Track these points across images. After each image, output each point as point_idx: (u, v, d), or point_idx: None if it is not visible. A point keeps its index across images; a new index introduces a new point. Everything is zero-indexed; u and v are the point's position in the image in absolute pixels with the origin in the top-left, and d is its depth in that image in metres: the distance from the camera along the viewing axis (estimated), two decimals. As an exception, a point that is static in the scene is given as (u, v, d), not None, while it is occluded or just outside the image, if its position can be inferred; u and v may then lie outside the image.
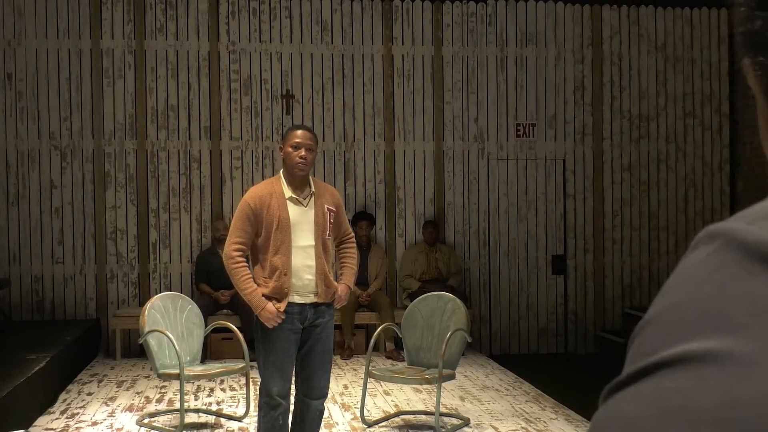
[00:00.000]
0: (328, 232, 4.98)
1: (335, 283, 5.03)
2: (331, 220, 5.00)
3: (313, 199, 4.94)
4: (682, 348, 0.42)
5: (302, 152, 4.86)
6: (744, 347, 0.41)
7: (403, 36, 10.29)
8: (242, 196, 9.53)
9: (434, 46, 10.32)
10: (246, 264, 4.90)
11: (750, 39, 0.58)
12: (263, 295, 4.83)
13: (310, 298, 4.92)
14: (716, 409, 0.40)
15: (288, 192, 4.90)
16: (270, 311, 4.78)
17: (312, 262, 4.90)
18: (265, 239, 4.86)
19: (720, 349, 0.41)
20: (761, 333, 0.41)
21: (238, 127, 10.04)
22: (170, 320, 6.49)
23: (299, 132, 4.92)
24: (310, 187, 4.97)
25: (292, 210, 4.88)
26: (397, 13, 10.28)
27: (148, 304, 6.39)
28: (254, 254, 4.96)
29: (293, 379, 5.04)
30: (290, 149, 4.88)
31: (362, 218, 9.70)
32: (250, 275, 4.89)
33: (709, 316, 0.42)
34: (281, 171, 5.01)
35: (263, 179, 9.28)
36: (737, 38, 0.59)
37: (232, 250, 4.86)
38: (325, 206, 4.97)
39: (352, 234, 5.35)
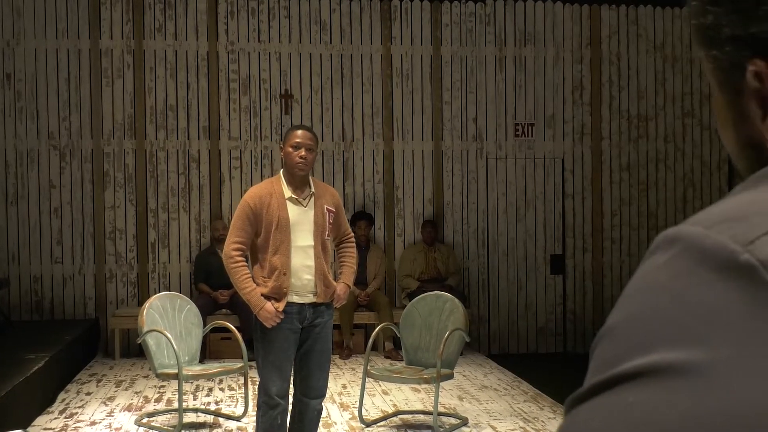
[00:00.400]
0: (327, 232, 4.99)
1: (334, 283, 5.04)
2: (331, 221, 5.01)
3: (312, 199, 4.95)
4: (643, 360, 0.42)
5: (302, 152, 4.86)
6: (704, 359, 0.41)
7: (402, 36, 10.30)
8: (241, 195, 9.56)
9: (433, 45, 10.33)
10: (245, 264, 4.91)
11: (703, 33, 0.59)
12: (262, 295, 4.84)
13: (309, 298, 4.93)
14: (679, 423, 0.40)
15: (288, 192, 4.91)
16: (269, 311, 4.79)
17: (311, 262, 4.91)
18: (264, 239, 4.87)
19: (680, 362, 0.41)
20: (720, 344, 0.41)
21: (237, 127, 10.04)
22: (169, 320, 6.49)
23: (299, 132, 4.93)
24: (309, 187, 4.98)
25: (292, 210, 4.89)
26: (395, 13, 10.29)
27: (147, 304, 6.40)
28: (254, 254, 4.97)
29: (292, 378, 5.05)
30: (290, 149, 4.88)
31: (361, 218, 9.71)
32: (250, 275, 4.90)
33: (668, 326, 0.42)
34: (281, 171, 5.02)
35: (262, 179, 9.29)
36: (692, 32, 0.60)
37: (231, 249, 4.87)
38: (325, 206, 4.98)
39: (352, 234, 5.36)
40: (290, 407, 5.11)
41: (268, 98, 10.09)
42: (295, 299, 4.90)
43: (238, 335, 6.76)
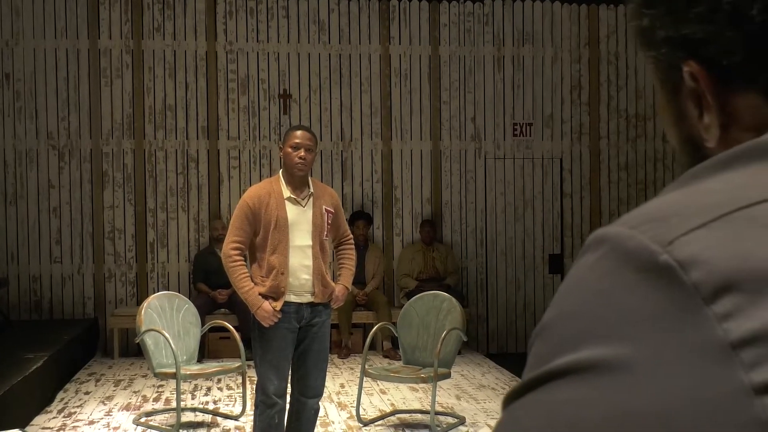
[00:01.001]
0: (325, 232, 5.01)
1: (332, 284, 5.06)
2: (329, 221, 5.03)
3: (311, 199, 4.98)
4: (572, 357, 0.44)
5: (301, 152, 4.89)
6: (626, 357, 0.42)
7: (400, 36, 10.31)
8: (240, 195, 9.57)
9: (431, 45, 10.34)
10: (244, 263, 4.94)
11: (640, 35, 0.61)
12: (260, 294, 4.86)
13: (307, 298, 4.95)
14: (605, 421, 0.42)
15: (286, 192, 4.93)
16: (266, 310, 4.82)
17: (309, 262, 4.94)
18: (263, 238, 4.89)
19: (605, 359, 0.43)
20: (641, 343, 0.42)
21: (235, 126, 10.06)
22: (167, 319, 6.51)
23: (299, 132, 4.96)
24: (308, 187, 5.00)
25: (290, 210, 4.92)
26: (394, 13, 10.30)
27: (145, 304, 6.42)
28: (252, 253, 5.00)
29: (289, 377, 5.07)
30: (290, 149, 4.90)
31: (359, 217, 9.72)
32: (248, 274, 4.93)
33: (595, 325, 0.44)
34: (280, 171, 5.04)
35: (261, 179, 9.31)
36: (633, 33, 0.62)
37: (230, 249, 4.89)
38: (323, 207, 5.00)
39: (351, 236, 5.38)
40: (288, 406, 5.12)
41: (267, 98, 10.11)
42: (293, 299, 4.92)
43: (237, 335, 6.77)
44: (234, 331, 6.87)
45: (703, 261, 0.43)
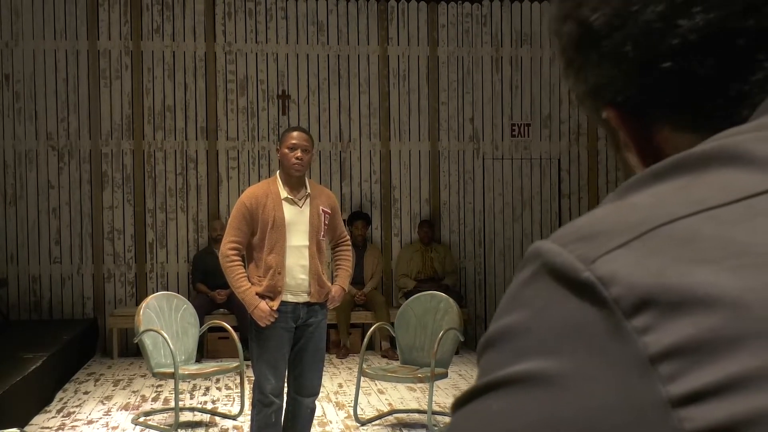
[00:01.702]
0: (322, 233, 5.05)
1: (329, 284, 5.10)
2: (326, 222, 5.07)
3: (308, 200, 5.02)
4: (509, 370, 0.46)
5: (298, 153, 4.93)
6: (555, 370, 0.44)
7: (399, 37, 10.34)
8: (238, 196, 9.60)
9: (429, 46, 10.37)
10: (241, 263, 4.98)
11: (575, 97, 0.67)
12: (257, 294, 4.90)
13: (303, 297, 4.99)
14: (531, 430, 0.45)
15: (284, 192, 4.97)
16: (263, 310, 4.85)
17: (306, 262, 4.98)
18: (260, 238, 4.93)
19: (538, 372, 0.45)
20: (568, 357, 0.45)
21: (234, 127, 10.09)
22: (165, 320, 6.54)
23: (295, 134, 5.00)
24: (306, 188, 5.04)
25: (288, 210, 4.95)
26: (392, 14, 10.33)
27: (143, 304, 6.45)
28: (249, 253, 5.03)
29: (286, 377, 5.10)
30: (287, 150, 4.95)
31: (358, 218, 9.75)
32: (245, 274, 4.96)
33: (531, 339, 0.46)
34: (278, 172, 5.08)
35: (260, 179, 9.35)
36: None
37: (228, 249, 4.93)
38: (320, 207, 5.04)
39: (348, 237, 5.41)
40: (284, 406, 5.16)
41: (266, 99, 10.14)
42: (290, 298, 4.96)
43: (235, 335, 6.80)
44: (232, 331, 6.90)
45: (621, 278, 0.45)
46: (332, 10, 10.24)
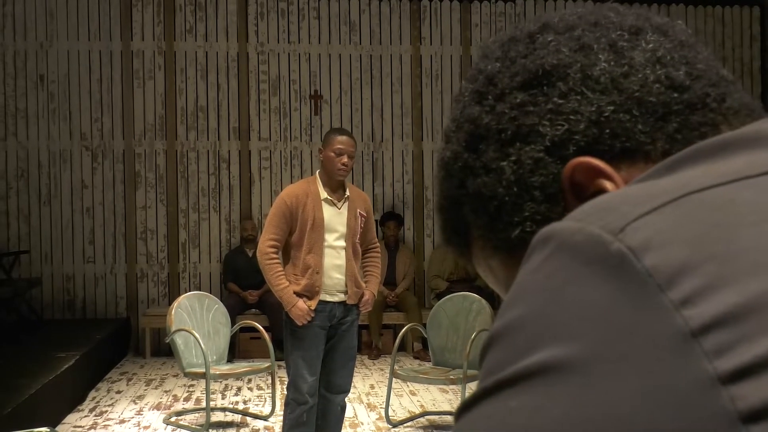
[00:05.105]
0: (358, 236, 5.05)
1: (363, 286, 5.09)
2: (362, 225, 5.06)
3: (347, 202, 5.01)
4: (522, 364, 0.41)
5: (344, 159, 4.91)
6: (579, 357, 0.39)
7: (431, 36, 10.29)
8: (271, 196, 9.62)
9: (462, 46, 10.31)
10: (280, 261, 4.96)
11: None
12: (294, 293, 4.88)
13: (340, 297, 4.98)
14: (559, 425, 0.39)
15: (323, 193, 4.96)
16: (301, 309, 4.83)
17: (342, 263, 4.97)
18: (299, 237, 4.91)
19: (558, 361, 0.40)
20: (594, 340, 0.39)
21: (266, 127, 10.09)
22: (197, 319, 6.54)
23: (344, 138, 4.97)
24: (345, 190, 5.03)
25: (327, 211, 4.94)
26: (425, 14, 10.28)
27: (175, 304, 6.44)
28: (286, 252, 5.02)
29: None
30: (332, 154, 4.92)
31: (390, 218, 9.71)
32: (283, 272, 4.94)
33: (547, 326, 0.41)
34: (317, 172, 5.08)
35: (292, 179, 9.35)
36: None
37: (267, 246, 4.90)
38: (358, 210, 5.05)
39: (377, 243, 5.40)
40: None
41: (298, 99, 10.13)
42: (327, 298, 4.95)
43: (266, 335, 6.78)
44: (264, 331, 6.88)
45: (656, 245, 0.40)
46: (365, 9, 10.20)
